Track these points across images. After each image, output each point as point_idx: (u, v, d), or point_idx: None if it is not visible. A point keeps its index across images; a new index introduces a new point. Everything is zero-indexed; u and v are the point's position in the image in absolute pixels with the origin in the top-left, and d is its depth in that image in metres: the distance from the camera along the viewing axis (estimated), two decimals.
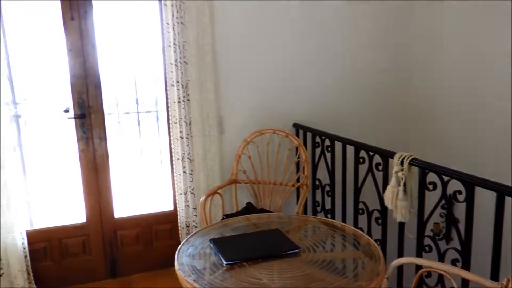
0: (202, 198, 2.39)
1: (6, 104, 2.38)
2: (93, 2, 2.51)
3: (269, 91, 2.93)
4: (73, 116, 2.60)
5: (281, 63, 2.93)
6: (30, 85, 4.47)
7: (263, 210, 2.57)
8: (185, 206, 2.70)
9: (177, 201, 2.72)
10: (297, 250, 1.67)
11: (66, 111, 2.60)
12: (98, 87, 2.62)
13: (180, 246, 1.89)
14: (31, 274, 2.51)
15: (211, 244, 1.82)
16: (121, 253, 2.82)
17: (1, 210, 2.35)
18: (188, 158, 2.65)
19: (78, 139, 2.64)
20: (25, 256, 2.47)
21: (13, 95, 2.96)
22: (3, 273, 2.40)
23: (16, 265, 2.42)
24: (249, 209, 2.55)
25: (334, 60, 3.06)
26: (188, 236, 1.93)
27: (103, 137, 2.67)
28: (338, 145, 2.54)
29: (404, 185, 1.94)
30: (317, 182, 2.86)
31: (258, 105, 2.91)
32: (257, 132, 2.73)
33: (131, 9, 2.72)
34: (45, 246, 2.65)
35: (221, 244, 1.78)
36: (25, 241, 2.48)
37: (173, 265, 1.63)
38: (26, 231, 2.52)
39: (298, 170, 2.83)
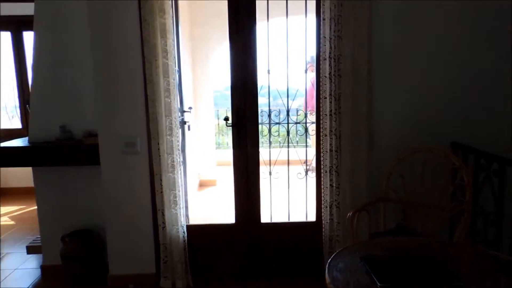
0: (350, 213, 2.34)
1: (176, 112, 2.68)
2: (257, 19, 2.68)
3: (425, 107, 2.73)
4: (231, 124, 2.81)
5: (439, 77, 2.71)
6: (195, 95, 5.02)
7: (414, 233, 2.40)
8: (330, 219, 2.68)
9: (322, 214, 2.72)
10: (460, 284, 1.51)
11: (226, 119, 2.83)
12: (254, 97, 2.78)
13: (329, 260, 1.87)
14: (188, 265, 2.78)
15: (362, 262, 1.76)
16: (264, 257, 2.93)
17: (170, 205, 2.66)
18: (335, 171, 2.63)
19: (234, 146, 2.84)
20: (184, 248, 2.75)
21: (181, 104, 3.35)
22: (168, 261, 2.71)
23: (177, 255, 2.71)
24: (400, 230, 2.41)
25: (504, 71, 2.71)
26: (337, 251, 1.91)
27: (255, 145, 2.83)
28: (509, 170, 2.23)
29: None
30: (478, 209, 2.55)
31: (412, 121, 2.74)
32: (411, 149, 2.57)
33: (289, 24, 2.84)
34: (199, 241, 2.90)
35: (373, 264, 1.71)
36: (185, 235, 2.76)
37: (312, 275, 1.61)
38: (186, 225, 2.80)
39: (455, 194, 2.57)
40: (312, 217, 2.93)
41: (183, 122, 3.33)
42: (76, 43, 2.85)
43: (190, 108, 3.62)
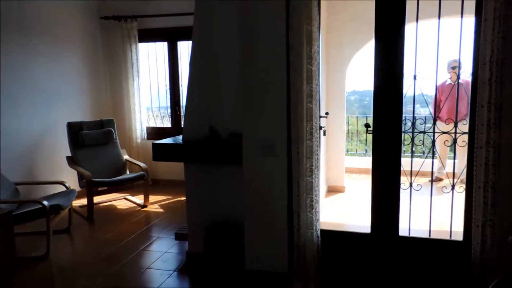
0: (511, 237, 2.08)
1: (317, 117, 2.72)
2: (406, 21, 2.57)
3: None
4: (371, 131, 2.74)
5: None
6: (327, 101, 5.04)
7: None
8: (482, 240, 2.42)
9: (472, 233, 2.47)
10: None
11: (367, 125, 2.77)
12: (398, 104, 2.66)
13: (492, 285, 1.70)
14: (320, 269, 2.79)
15: None
16: (400, 271, 2.79)
17: (306, 209, 2.71)
18: (491, 187, 2.36)
19: (374, 154, 2.76)
20: (318, 252, 2.77)
21: (319, 110, 3.38)
22: (301, 262, 2.76)
23: (310, 258, 2.75)
24: None
25: None
26: (500, 278, 1.72)
27: (397, 154, 2.70)
28: None
29: None
30: None
31: None
32: None
33: (441, 27, 2.66)
34: (332, 246, 2.89)
35: None
36: (319, 239, 2.78)
37: None
38: (320, 229, 2.81)
39: None
40: (458, 236, 2.68)
41: (319, 127, 3.36)
42: (226, 51, 3.08)
43: (326, 113, 3.63)
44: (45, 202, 3.53)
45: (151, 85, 6.13)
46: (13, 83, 4.51)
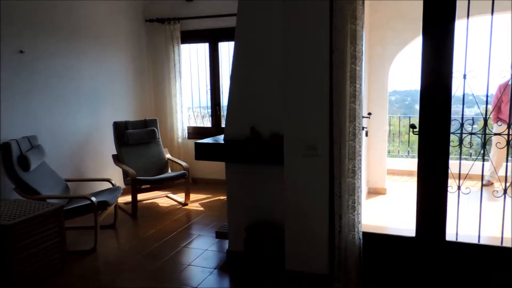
0: None
1: (360, 117, 2.67)
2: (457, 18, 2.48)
3: None
4: (417, 132, 2.66)
5: None
6: (369, 101, 4.95)
7: None
8: None
9: None
10: None
11: (413, 126, 2.70)
12: (446, 104, 2.57)
13: None
14: (362, 272, 2.74)
15: None
16: (446, 277, 2.69)
17: (348, 210, 2.67)
18: None
19: (420, 156, 2.68)
20: (359, 255, 2.72)
21: (361, 111, 3.32)
22: (342, 265, 2.72)
23: (352, 261, 2.70)
24: None
25: None
26: None
27: (444, 156, 2.61)
28: None
29: None
30: None
31: None
32: None
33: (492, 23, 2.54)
34: (374, 249, 2.83)
35: None
36: (361, 241, 2.72)
37: None
38: (362, 232, 2.76)
39: None
40: (509, 243, 2.56)
41: (361, 128, 3.30)
42: (268, 51, 3.08)
43: (369, 114, 3.56)
44: (93, 199, 3.69)
45: (192, 85, 6.25)
46: (62, 85, 4.72)
